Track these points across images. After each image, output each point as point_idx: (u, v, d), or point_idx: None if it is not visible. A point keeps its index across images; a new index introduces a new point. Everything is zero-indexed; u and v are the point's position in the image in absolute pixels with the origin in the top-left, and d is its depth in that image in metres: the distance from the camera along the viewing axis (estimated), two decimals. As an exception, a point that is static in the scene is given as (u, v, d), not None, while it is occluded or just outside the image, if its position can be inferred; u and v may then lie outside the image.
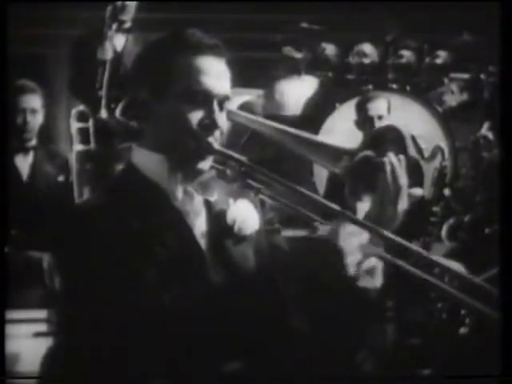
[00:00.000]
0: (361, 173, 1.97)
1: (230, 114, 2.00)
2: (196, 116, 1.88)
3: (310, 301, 1.86)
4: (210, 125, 1.88)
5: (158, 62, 1.91)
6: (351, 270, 1.85)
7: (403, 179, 1.90)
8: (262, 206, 2.01)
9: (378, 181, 1.89)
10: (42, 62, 6.40)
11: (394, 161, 1.91)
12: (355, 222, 1.83)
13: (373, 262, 1.89)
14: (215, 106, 1.89)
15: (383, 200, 1.88)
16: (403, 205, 1.88)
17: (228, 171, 1.92)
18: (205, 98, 1.88)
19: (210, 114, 1.89)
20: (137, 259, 1.79)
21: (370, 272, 1.88)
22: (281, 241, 2.05)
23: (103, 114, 4.39)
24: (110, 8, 4.59)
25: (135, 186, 1.91)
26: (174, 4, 6.27)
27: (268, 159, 1.96)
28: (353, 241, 1.83)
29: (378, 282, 1.87)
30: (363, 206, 1.93)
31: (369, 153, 1.99)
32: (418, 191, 1.95)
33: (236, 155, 1.92)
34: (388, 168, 1.89)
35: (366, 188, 1.96)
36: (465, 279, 1.84)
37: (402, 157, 1.94)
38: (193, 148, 1.88)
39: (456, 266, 3.45)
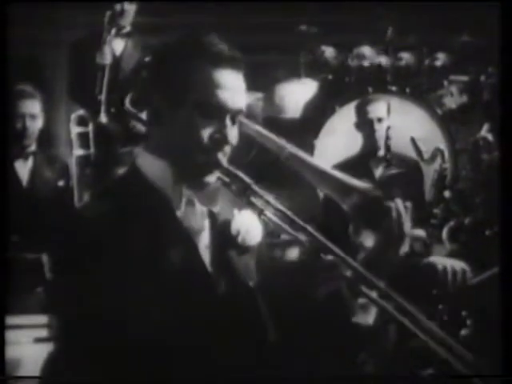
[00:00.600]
0: (368, 213, 1.98)
1: (241, 125, 1.98)
2: (207, 129, 1.85)
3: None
4: (220, 140, 1.86)
5: (174, 68, 1.88)
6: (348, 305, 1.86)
7: (407, 226, 1.91)
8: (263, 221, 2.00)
9: (384, 224, 1.91)
10: (41, 66, 6.39)
11: (400, 207, 1.92)
12: (354, 269, 1.84)
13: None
14: (228, 121, 1.87)
15: (386, 243, 1.90)
16: (404, 248, 1.90)
17: (233, 186, 1.91)
18: (218, 112, 1.86)
19: (221, 128, 1.86)
20: (139, 266, 1.77)
21: (365, 308, 1.88)
22: (281, 254, 2.06)
23: (103, 118, 4.39)
24: (108, 13, 4.60)
25: (138, 189, 1.89)
26: (174, 7, 6.27)
27: (270, 162, 1.96)
28: None
29: (370, 318, 1.87)
30: (366, 244, 1.94)
31: (378, 194, 1.99)
32: (420, 232, 1.98)
33: (242, 176, 1.90)
34: (394, 214, 1.90)
35: (370, 228, 1.96)
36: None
37: (408, 204, 1.95)
38: (201, 161, 1.86)
39: (459, 264, 3.45)
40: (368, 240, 1.95)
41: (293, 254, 2.04)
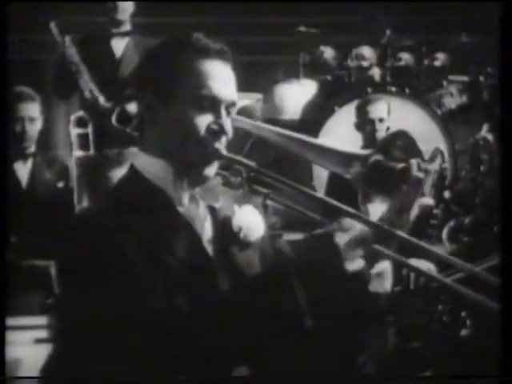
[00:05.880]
0: (374, 178, 1.97)
1: (235, 120, 1.98)
2: (203, 121, 1.86)
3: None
4: (217, 130, 1.86)
5: (164, 66, 1.89)
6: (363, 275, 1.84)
7: (420, 186, 1.91)
8: (265, 212, 2.00)
9: (394, 186, 1.90)
10: (40, 68, 6.39)
11: (414, 167, 1.91)
12: (369, 223, 1.82)
13: (383, 265, 1.89)
14: (222, 112, 1.88)
15: (400, 205, 1.89)
16: (415, 211, 1.89)
17: (233, 178, 1.91)
18: (212, 103, 1.86)
19: (217, 119, 1.87)
20: (142, 265, 1.77)
21: (381, 275, 1.88)
22: (284, 245, 2.04)
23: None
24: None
25: (139, 191, 1.89)
26: (173, 8, 6.28)
27: (267, 164, 1.96)
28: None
29: (388, 285, 1.87)
30: (375, 210, 1.93)
31: (379, 158, 1.99)
32: (428, 200, 1.96)
33: (245, 161, 1.91)
34: (411, 174, 1.90)
35: (379, 193, 1.96)
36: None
37: (416, 162, 1.95)
38: (199, 154, 1.86)
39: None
40: (378, 207, 1.93)
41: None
